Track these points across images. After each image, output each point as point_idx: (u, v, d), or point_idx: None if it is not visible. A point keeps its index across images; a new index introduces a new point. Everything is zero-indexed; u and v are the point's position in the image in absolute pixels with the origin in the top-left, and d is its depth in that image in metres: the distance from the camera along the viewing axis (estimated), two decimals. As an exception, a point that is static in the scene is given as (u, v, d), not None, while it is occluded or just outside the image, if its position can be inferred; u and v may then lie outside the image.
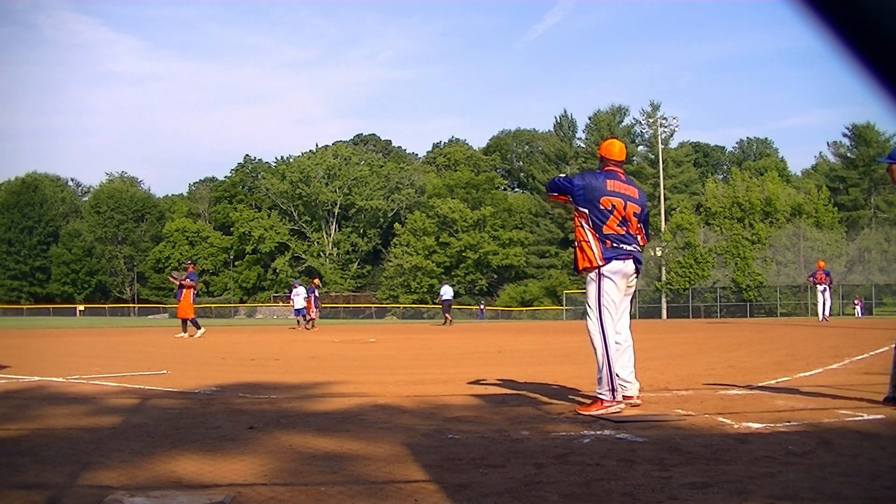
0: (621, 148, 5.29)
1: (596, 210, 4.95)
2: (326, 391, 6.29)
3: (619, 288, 4.94)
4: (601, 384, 4.80)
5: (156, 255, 72.87)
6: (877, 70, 0.66)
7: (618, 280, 4.92)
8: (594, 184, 5.02)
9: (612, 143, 5.28)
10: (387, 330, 24.28)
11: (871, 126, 56.15)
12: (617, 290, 4.93)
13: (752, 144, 76.73)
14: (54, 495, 2.73)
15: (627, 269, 4.96)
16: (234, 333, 21.67)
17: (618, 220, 4.95)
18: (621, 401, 4.76)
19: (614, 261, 4.91)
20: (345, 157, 72.64)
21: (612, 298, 4.92)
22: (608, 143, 5.30)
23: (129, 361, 9.85)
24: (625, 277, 4.96)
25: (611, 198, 4.98)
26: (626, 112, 61.29)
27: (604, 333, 4.88)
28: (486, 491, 2.73)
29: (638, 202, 5.09)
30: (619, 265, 4.92)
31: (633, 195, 5.09)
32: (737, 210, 45.67)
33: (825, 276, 23.08)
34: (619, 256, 4.92)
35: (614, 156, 5.20)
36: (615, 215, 4.95)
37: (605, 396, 4.74)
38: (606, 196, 4.98)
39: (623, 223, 4.97)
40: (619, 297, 4.96)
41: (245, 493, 2.73)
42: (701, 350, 11.44)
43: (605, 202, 4.96)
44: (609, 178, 5.06)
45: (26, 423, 4.43)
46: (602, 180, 5.04)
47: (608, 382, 4.77)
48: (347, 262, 71.74)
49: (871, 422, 4.21)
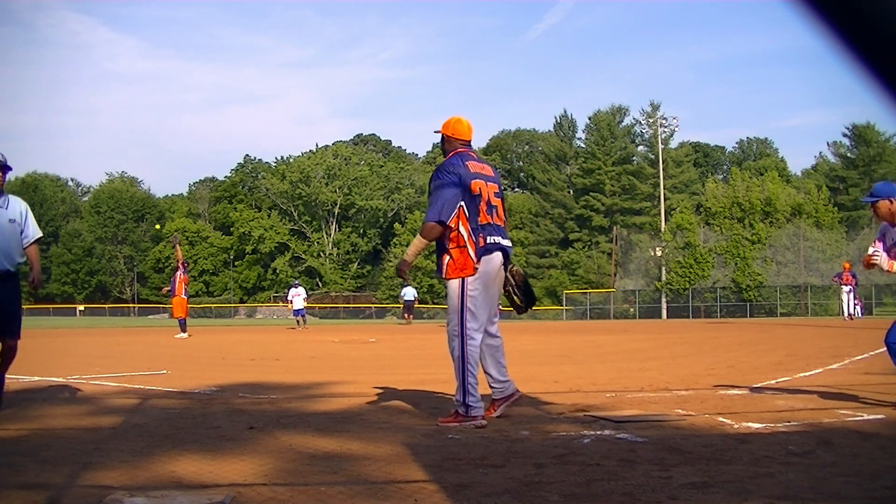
0: (469, 125, 4.71)
1: (468, 199, 4.39)
2: (326, 391, 6.30)
3: (493, 286, 4.45)
4: (457, 394, 4.37)
5: (155, 255, 72.84)
6: (877, 70, 0.66)
7: (489, 278, 4.41)
8: (462, 171, 4.42)
9: (460, 121, 4.67)
10: (387, 330, 24.29)
11: (871, 126, 56.09)
12: (487, 290, 4.41)
13: (752, 144, 76.68)
14: (54, 495, 2.73)
15: (495, 265, 4.44)
16: (234, 333, 21.66)
17: (485, 207, 4.43)
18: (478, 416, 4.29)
19: (484, 258, 4.38)
20: (345, 157, 72.62)
21: (479, 298, 4.38)
22: (455, 120, 4.67)
23: (129, 361, 9.85)
24: (497, 274, 4.48)
25: (476, 181, 4.43)
26: (626, 112, 61.22)
27: (462, 336, 4.35)
28: (486, 491, 2.73)
29: (494, 180, 4.59)
30: (489, 261, 4.40)
31: (490, 174, 4.59)
32: (737, 210, 45.64)
33: (851, 278, 24.20)
34: (489, 251, 4.40)
35: (463, 134, 4.63)
36: (484, 202, 4.43)
37: (461, 410, 4.32)
38: (473, 180, 4.42)
39: (490, 209, 4.46)
40: (487, 298, 4.42)
41: (245, 493, 2.73)
42: (701, 350, 11.44)
43: (474, 187, 4.41)
44: (468, 161, 4.50)
45: (26, 423, 4.43)
46: (464, 164, 4.46)
47: (460, 392, 4.34)
48: (347, 262, 71.71)
49: (871, 422, 4.21)
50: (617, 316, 47.90)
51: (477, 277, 4.35)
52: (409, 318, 32.06)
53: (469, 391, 4.33)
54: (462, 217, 4.36)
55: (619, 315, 48.09)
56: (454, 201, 4.35)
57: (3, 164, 4.92)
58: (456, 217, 4.35)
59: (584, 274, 55.52)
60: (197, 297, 62.17)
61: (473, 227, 4.37)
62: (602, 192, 58.49)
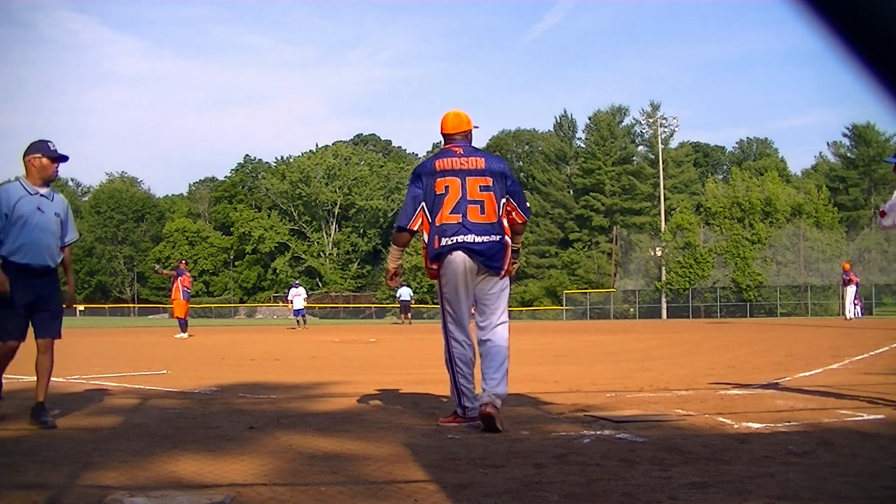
0: (455, 117, 4.47)
1: (430, 199, 4.28)
2: (326, 391, 6.30)
3: (460, 286, 4.26)
4: (451, 395, 4.39)
5: (156, 255, 72.83)
6: (877, 70, 0.66)
7: (454, 278, 4.25)
8: (425, 171, 4.34)
9: (445, 116, 4.48)
10: (387, 330, 24.29)
11: (871, 126, 56.12)
12: (456, 291, 4.26)
13: (752, 144, 76.65)
14: (54, 495, 2.73)
15: (457, 264, 4.22)
16: (234, 333, 21.67)
17: (451, 205, 4.22)
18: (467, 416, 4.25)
19: (444, 256, 4.23)
20: (345, 157, 72.63)
21: (450, 299, 4.29)
22: (442, 117, 4.49)
23: (129, 361, 9.86)
24: (463, 274, 4.24)
25: (442, 179, 4.26)
26: (626, 112, 61.19)
27: (446, 338, 4.33)
28: (486, 491, 2.73)
29: (484, 173, 4.26)
30: (450, 262, 4.24)
31: (476, 166, 4.27)
32: (737, 210, 45.64)
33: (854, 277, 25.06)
34: (448, 250, 4.22)
35: (447, 129, 4.44)
36: (448, 200, 4.22)
37: (459, 411, 4.30)
38: (438, 179, 4.27)
39: (459, 208, 4.21)
40: (462, 297, 4.27)
41: (245, 493, 2.73)
42: (701, 350, 11.44)
43: (439, 185, 4.26)
44: (439, 158, 4.35)
45: (26, 423, 4.43)
46: (431, 163, 4.35)
47: (454, 394, 4.33)
48: (347, 262, 71.71)
49: (871, 422, 4.21)
50: (617, 316, 47.91)
51: (446, 280, 4.28)
52: (405, 318, 31.92)
53: (462, 392, 4.30)
54: (425, 219, 4.29)
55: (619, 315, 48.10)
56: (413, 204, 4.32)
57: (61, 156, 4.74)
58: (420, 219, 4.30)
59: (584, 274, 55.51)
60: (197, 297, 62.11)
61: (433, 229, 4.27)
62: (602, 192, 58.48)
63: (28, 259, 4.51)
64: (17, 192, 4.57)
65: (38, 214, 4.58)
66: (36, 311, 4.61)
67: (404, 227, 4.33)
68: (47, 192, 4.72)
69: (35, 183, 4.65)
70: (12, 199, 4.52)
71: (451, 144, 4.41)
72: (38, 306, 4.60)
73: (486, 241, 4.22)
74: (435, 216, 4.25)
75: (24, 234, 4.51)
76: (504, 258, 4.28)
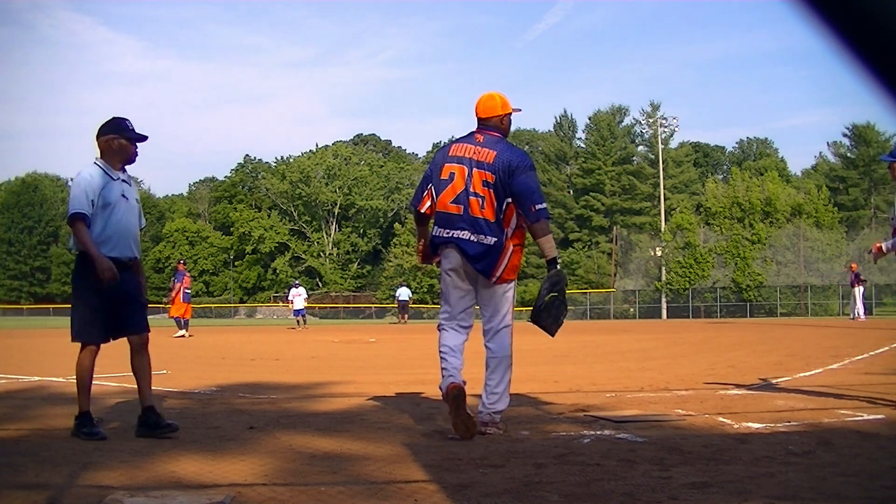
0: (488, 99, 4.16)
1: (435, 183, 4.09)
2: (326, 391, 6.30)
3: (454, 283, 4.08)
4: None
5: (156, 255, 72.82)
6: (877, 70, 0.66)
7: (447, 275, 4.10)
8: (440, 152, 4.20)
9: (479, 99, 4.19)
10: (387, 330, 24.28)
11: (871, 126, 56.15)
12: (448, 287, 4.11)
13: (752, 144, 76.65)
14: (54, 495, 2.73)
15: (450, 261, 4.07)
16: (234, 333, 21.67)
17: (454, 193, 4.00)
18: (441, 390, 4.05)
19: (440, 248, 4.10)
20: (345, 157, 72.64)
21: (444, 292, 4.16)
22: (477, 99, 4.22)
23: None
24: (456, 272, 4.07)
25: (451, 164, 4.03)
26: (626, 112, 61.22)
27: (439, 332, 4.17)
28: (486, 491, 2.73)
29: (490, 168, 3.95)
30: (445, 256, 4.10)
31: (485, 159, 3.97)
32: (737, 210, 45.64)
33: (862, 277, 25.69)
34: (443, 242, 4.06)
35: (478, 112, 4.15)
36: (451, 188, 4.01)
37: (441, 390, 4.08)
38: (447, 163, 4.06)
39: (460, 199, 3.98)
40: (453, 294, 4.10)
41: (245, 493, 2.73)
42: (701, 350, 11.44)
43: (445, 171, 4.05)
44: (458, 142, 4.14)
45: (26, 423, 4.43)
46: (450, 145, 4.18)
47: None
48: (347, 262, 71.71)
49: (871, 422, 4.21)
50: (617, 316, 47.90)
51: (442, 275, 4.17)
52: (403, 318, 32.12)
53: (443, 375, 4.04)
54: (433, 201, 4.11)
55: (619, 315, 48.10)
56: (422, 186, 4.18)
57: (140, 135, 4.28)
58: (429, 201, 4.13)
59: (584, 274, 55.52)
60: (197, 297, 62.11)
61: (435, 215, 4.11)
62: (602, 192, 58.48)
63: (117, 252, 4.11)
64: (102, 178, 4.11)
65: (123, 203, 4.16)
66: (123, 307, 4.25)
67: (414, 208, 4.22)
68: (127, 177, 4.29)
69: (115, 167, 4.20)
70: (98, 185, 4.08)
71: (479, 130, 4.12)
72: (126, 301, 4.24)
73: (479, 241, 3.96)
74: (437, 201, 4.08)
75: (112, 224, 4.10)
76: (497, 263, 3.96)
